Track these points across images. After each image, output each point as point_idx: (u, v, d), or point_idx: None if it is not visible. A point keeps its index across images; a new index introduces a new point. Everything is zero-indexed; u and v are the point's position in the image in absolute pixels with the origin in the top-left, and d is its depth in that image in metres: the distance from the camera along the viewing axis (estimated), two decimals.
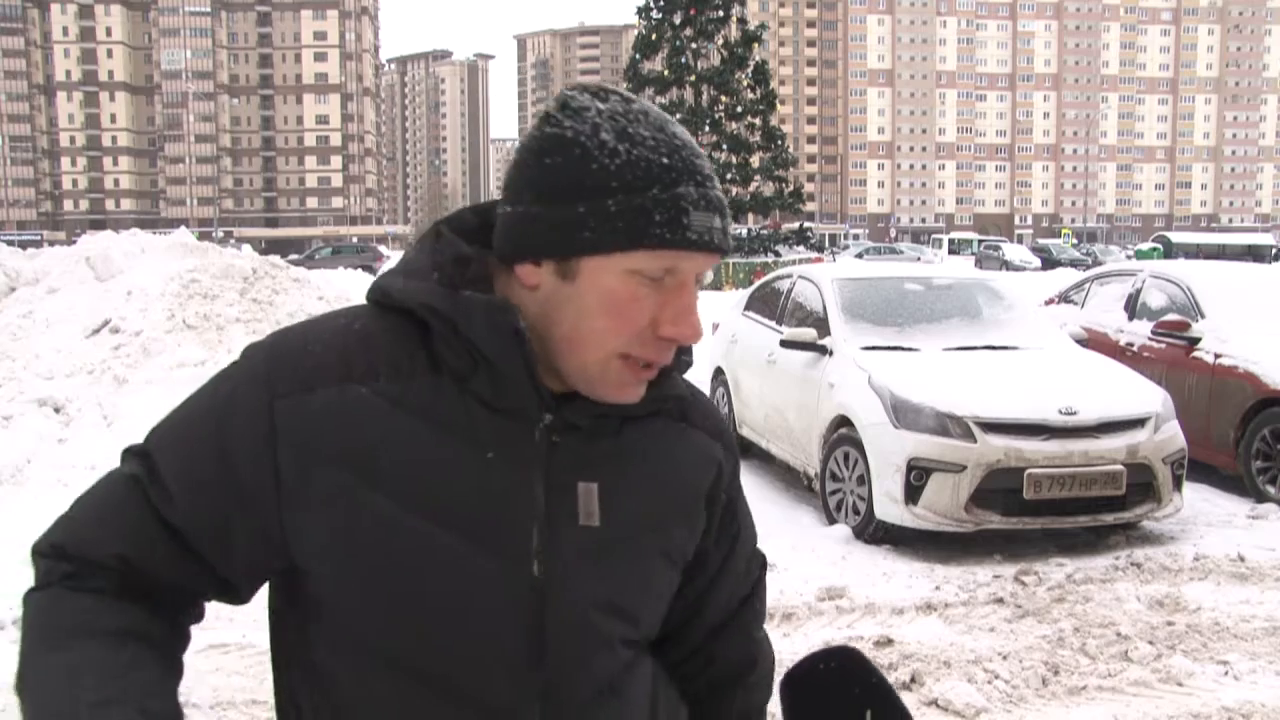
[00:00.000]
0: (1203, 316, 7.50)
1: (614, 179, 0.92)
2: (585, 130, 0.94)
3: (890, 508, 5.48)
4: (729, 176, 30.82)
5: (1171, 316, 7.66)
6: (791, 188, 31.23)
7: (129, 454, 1.00)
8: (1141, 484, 5.57)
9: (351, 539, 0.94)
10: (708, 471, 1.11)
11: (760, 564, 1.22)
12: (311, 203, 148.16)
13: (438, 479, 0.94)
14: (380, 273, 1.04)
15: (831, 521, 5.97)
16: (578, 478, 0.99)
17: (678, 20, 30.66)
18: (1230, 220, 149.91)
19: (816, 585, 4.89)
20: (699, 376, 9.40)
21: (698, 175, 0.95)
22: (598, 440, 1.01)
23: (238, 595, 1.02)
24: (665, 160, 0.94)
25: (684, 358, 1.05)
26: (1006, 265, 45.47)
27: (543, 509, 0.97)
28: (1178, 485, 5.78)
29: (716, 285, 25.83)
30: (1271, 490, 6.62)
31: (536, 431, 0.98)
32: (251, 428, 0.95)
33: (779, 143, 31.51)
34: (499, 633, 0.96)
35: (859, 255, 53.39)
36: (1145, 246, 52.74)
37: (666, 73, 30.78)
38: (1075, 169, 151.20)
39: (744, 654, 1.19)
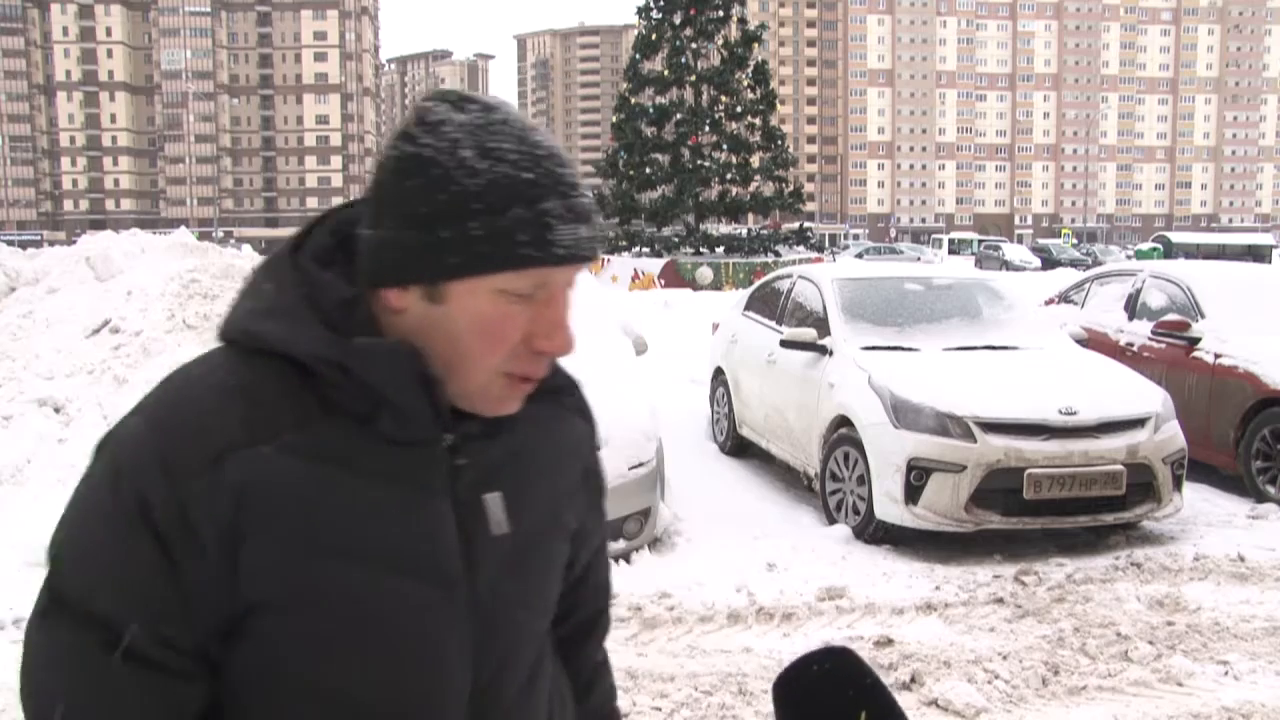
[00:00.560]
0: (1203, 316, 7.50)
1: (476, 200, 0.90)
2: (444, 148, 0.91)
3: (890, 508, 5.48)
4: (729, 176, 30.80)
5: (1171, 316, 7.66)
6: (791, 188, 31.18)
7: (58, 607, 0.90)
8: (1141, 484, 5.57)
9: (305, 605, 0.91)
10: (582, 447, 1.15)
11: (609, 595, 1.26)
12: (311, 203, 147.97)
13: (365, 524, 0.92)
14: (240, 308, 0.98)
15: (831, 521, 5.97)
16: (482, 491, 1.00)
17: (678, 20, 30.61)
18: (1230, 220, 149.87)
19: (816, 585, 4.89)
20: (699, 376, 9.41)
21: (561, 186, 0.93)
22: (492, 449, 1.01)
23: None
24: (528, 175, 0.91)
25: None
26: (1006, 265, 45.46)
27: (456, 530, 0.97)
28: (1178, 485, 5.78)
29: (716, 285, 25.82)
30: (1271, 490, 6.62)
31: (439, 455, 0.97)
32: (168, 520, 0.88)
33: (779, 143, 31.47)
34: (449, 657, 0.97)
35: (859, 255, 53.36)
36: (1145, 246, 52.70)
37: (666, 73, 30.74)
38: (1075, 169, 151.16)
39: (591, 671, 1.24)
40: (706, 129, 30.73)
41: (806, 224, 32.83)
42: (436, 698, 0.97)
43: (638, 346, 6.61)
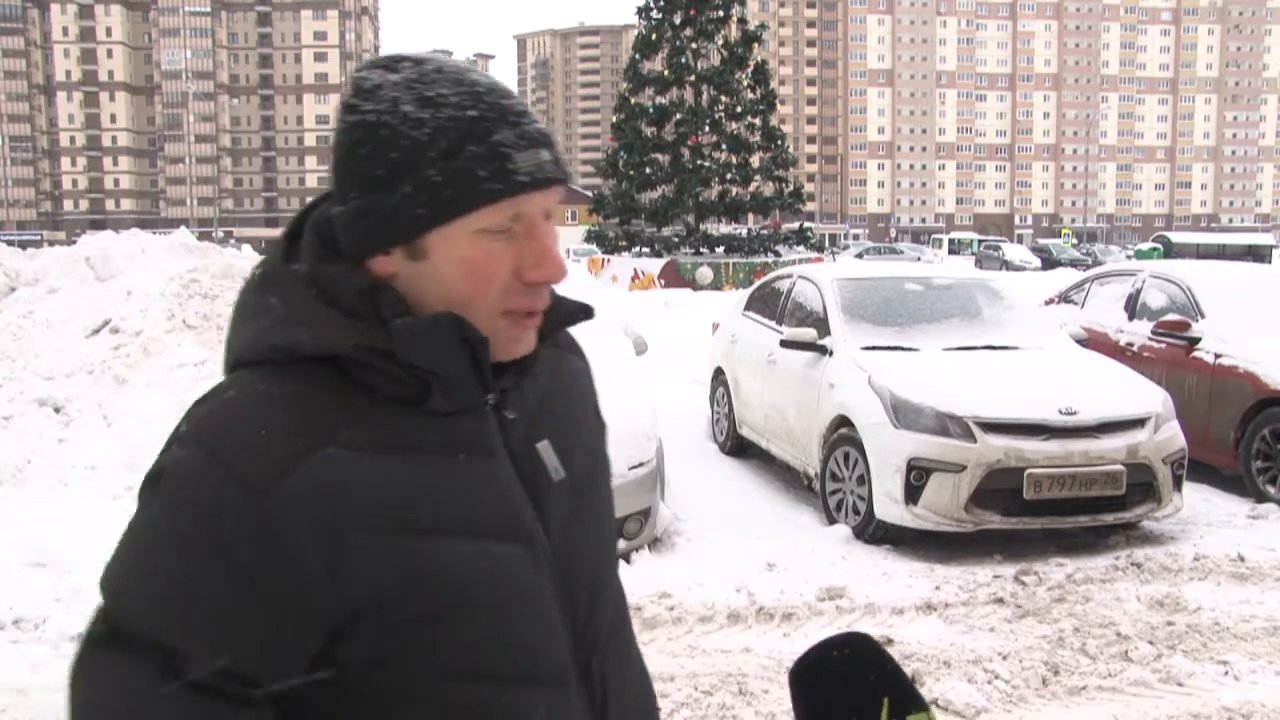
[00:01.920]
0: (1203, 316, 7.50)
1: (427, 149, 0.91)
2: (385, 109, 0.92)
3: (890, 508, 5.48)
4: (729, 176, 30.80)
5: (1171, 316, 7.66)
6: (791, 188, 31.16)
7: (111, 657, 0.86)
8: (1141, 484, 5.57)
9: (413, 589, 0.90)
10: (585, 384, 1.17)
11: None
12: None
13: (443, 499, 0.93)
14: (250, 332, 0.96)
15: (831, 521, 5.97)
16: (534, 441, 1.02)
17: (678, 20, 30.60)
18: (1230, 220, 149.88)
19: (816, 585, 4.89)
20: (699, 376, 9.41)
21: (510, 116, 0.94)
22: (527, 399, 1.03)
23: None
24: (472, 113, 0.92)
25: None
26: (1006, 265, 45.46)
27: (521, 484, 1.00)
28: (1178, 485, 5.78)
29: (716, 285, 25.82)
30: (1271, 490, 6.62)
31: (489, 417, 0.98)
32: (255, 546, 0.85)
33: (779, 143, 31.46)
34: (549, 608, 0.99)
35: (859, 255, 53.35)
36: (1145, 246, 52.71)
37: (666, 73, 30.74)
38: (1075, 169, 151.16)
39: None
40: (706, 129, 30.72)
41: (806, 224, 32.83)
42: (548, 649, 0.99)
43: (638, 346, 6.61)
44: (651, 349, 7.25)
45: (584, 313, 1.09)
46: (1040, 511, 5.45)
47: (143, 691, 0.84)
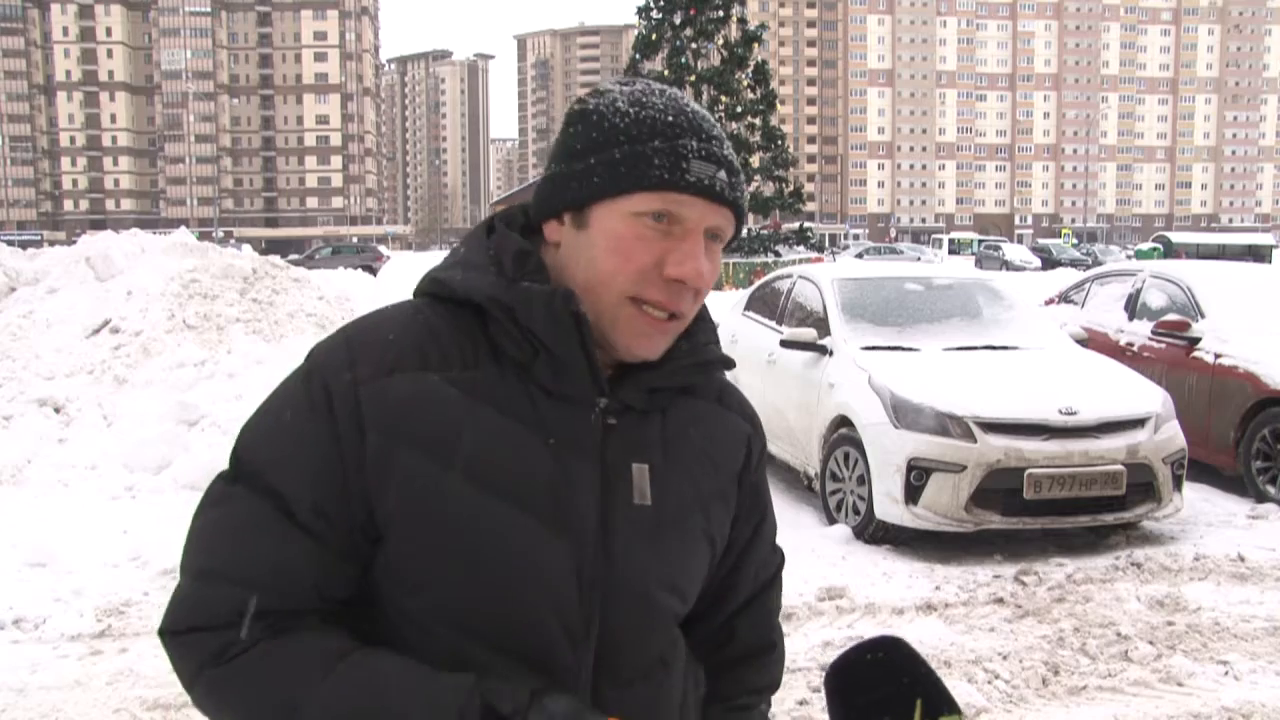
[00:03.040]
0: (1203, 316, 7.50)
1: (621, 134, 1.01)
2: (604, 103, 1.03)
3: (890, 508, 5.48)
4: None
5: (1171, 316, 7.66)
6: (791, 188, 31.23)
7: (237, 479, 1.01)
8: (1141, 484, 5.57)
9: (428, 516, 0.98)
10: (740, 451, 1.17)
11: (781, 557, 1.28)
12: (311, 203, 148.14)
13: (508, 464, 0.99)
14: (435, 267, 1.10)
15: (831, 521, 5.97)
16: (631, 459, 1.05)
17: (678, 20, 30.65)
18: (1230, 220, 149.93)
19: (816, 585, 4.89)
20: None
21: (702, 133, 1.02)
22: (647, 422, 1.07)
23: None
24: (670, 118, 1.01)
25: (706, 325, 1.13)
26: (1006, 265, 45.48)
27: (599, 490, 1.02)
28: (1178, 485, 5.78)
29: (717, 285, 25.79)
30: (1271, 490, 6.62)
31: (593, 415, 1.03)
32: (344, 411, 0.99)
33: (779, 143, 31.51)
34: (562, 604, 1.01)
35: (859, 255, 53.38)
36: (1145, 246, 52.72)
37: (666, 73, 30.76)
38: (1075, 169, 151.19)
39: (763, 634, 1.25)
40: None
41: (806, 224, 32.87)
42: (549, 640, 1.01)
43: None
44: None
45: (724, 363, 1.15)
46: (1040, 511, 5.45)
47: (260, 528, 0.98)
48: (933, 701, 0.97)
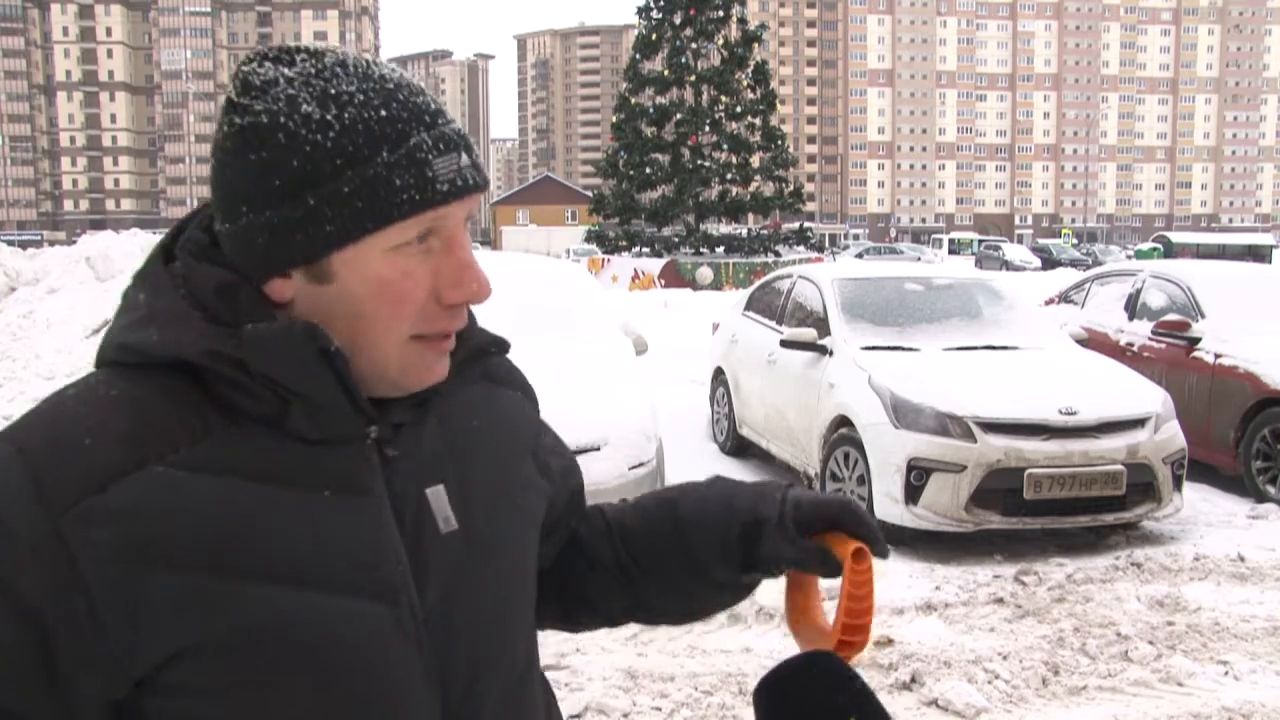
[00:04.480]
0: (1203, 316, 7.50)
1: (335, 155, 0.79)
2: (281, 109, 0.79)
3: (890, 508, 5.48)
4: (729, 176, 30.85)
5: (1171, 316, 7.66)
6: (791, 188, 31.23)
7: None
8: (1141, 484, 5.57)
9: (224, 641, 0.78)
10: (526, 428, 1.05)
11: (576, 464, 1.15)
12: None
13: (290, 539, 0.80)
14: (115, 327, 0.86)
15: None
16: (423, 485, 0.89)
17: (678, 20, 30.67)
18: (1230, 220, 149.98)
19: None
20: (699, 376, 9.41)
21: (425, 115, 0.82)
22: (425, 435, 0.90)
23: None
24: (383, 111, 0.80)
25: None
26: (1006, 265, 45.49)
27: (399, 532, 0.86)
28: (1178, 485, 5.78)
29: (717, 285, 25.85)
30: (1271, 490, 6.62)
31: (366, 450, 0.86)
32: (41, 569, 0.74)
33: (779, 143, 31.52)
34: (408, 681, 0.85)
35: (859, 255, 53.37)
36: (1145, 246, 52.74)
37: (666, 73, 30.80)
38: (1075, 169, 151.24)
39: (600, 514, 1.15)
40: (706, 129, 30.80)
41: (806, 224, 32.89)
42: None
43: (638, 346, 6.60)
44: (651, 349, 7.24)
45: (496, 346, 0.98)
46: (1040, 511, 5.45)
47: None
48: (866, 718, 0.96)
